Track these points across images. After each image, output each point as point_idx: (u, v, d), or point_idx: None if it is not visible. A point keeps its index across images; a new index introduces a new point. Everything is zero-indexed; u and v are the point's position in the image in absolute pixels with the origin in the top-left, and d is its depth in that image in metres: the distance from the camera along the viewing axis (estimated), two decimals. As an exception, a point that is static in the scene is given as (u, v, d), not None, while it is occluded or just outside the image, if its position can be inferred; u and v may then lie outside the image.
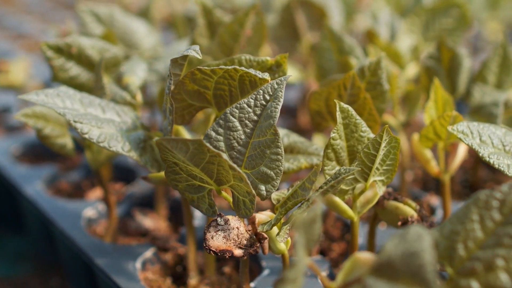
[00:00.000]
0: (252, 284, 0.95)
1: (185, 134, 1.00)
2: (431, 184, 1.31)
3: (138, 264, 1.00)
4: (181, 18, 1.48)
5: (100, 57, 1.05)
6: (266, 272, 0.98)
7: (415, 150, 1.06)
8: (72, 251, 1.13)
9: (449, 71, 1.14)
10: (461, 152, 1.05)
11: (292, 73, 1.37)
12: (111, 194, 1.11)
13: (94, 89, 1.01)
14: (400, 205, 0.94)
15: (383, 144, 0.85)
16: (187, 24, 1.47)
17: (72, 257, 1.15)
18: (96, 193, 1.26)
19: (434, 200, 1.20)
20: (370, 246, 0.99)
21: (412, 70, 1.26)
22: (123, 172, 1.35)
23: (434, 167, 1.05)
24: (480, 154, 0.87)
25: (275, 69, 0.92)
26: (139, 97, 1.02)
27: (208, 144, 0.85)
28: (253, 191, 0.80)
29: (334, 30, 1.12)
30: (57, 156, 1.43)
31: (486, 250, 0.69)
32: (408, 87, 1.18)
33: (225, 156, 0.82)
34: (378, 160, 0.86)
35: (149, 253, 1.04)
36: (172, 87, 0.88)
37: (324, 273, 1.00)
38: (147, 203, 1.23)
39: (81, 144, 1.05)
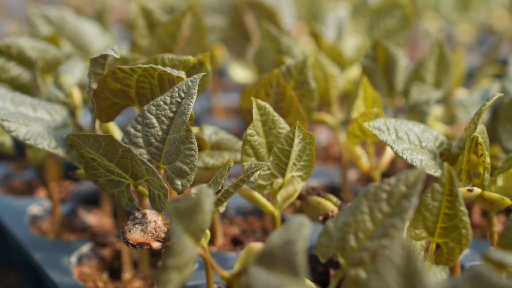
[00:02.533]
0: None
1: (116, 131, 1.03)
2: (377, 182, 1.32)
3: (73, 259, 1.03)
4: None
5: (40, 58, 1.08)
6: (196, 266, 1.00)
7: (346, 147, 1.08)
8: (17, 248, 1.15)
9: (386, 70, 1.16)
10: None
11: (243, 73, 1.39)
12: (54, 192, 1.14)
13: (31, 88, 1.04)
14: (322, 200, 0.96)
15: (296, 140, 0.87)
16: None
17: (20, 254, 1.18)
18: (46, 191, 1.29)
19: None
20: (298, 241, 1.01)
21: (355, 70, 1.28)
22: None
23: (364, 164, 1.07)
24: (394, 150, 0.89)
25: (198, 68, 0.95)
26: (76, 96, 1.05)
27: (126, 140, 0.88)
28: (165, 185, 0.83)
29: (272, 31, 1.15)
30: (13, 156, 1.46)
31: (373, 241, 0.71)
32: (349, 87, 1.21)
33: (135, 151, 0.85)
34: (293, 156, 0.88)
35: (85, 248, 1.06)
36: (96, 86, 0.91)
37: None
38: (93, 201, 1.25)
39: (22, 142, 1.07)
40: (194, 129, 1.02)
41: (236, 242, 1.11)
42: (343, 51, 1.26)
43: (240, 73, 1.37)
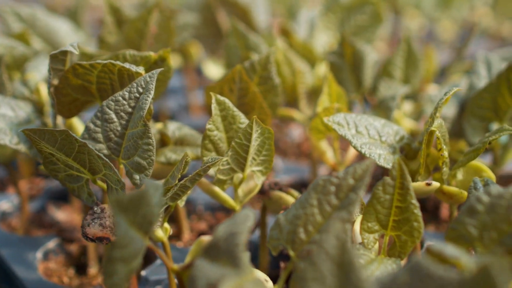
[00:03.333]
0: (143, 272, 0.98)
1: (80, 126, 1.03)
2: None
3: (39, 254, 1.04)
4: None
5: (8, 55, 1.09)
6: (159, 261, 1.01)
7: (312, 142, 1.08)
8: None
9: (353, 66, 1.16)
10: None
11: (216, 70, 1.40)
12: (23, 188, 1.15)
13: (-2, 85, 1.05)
14: (284, 194, 0.97)
15: (254, 135, 0.87)
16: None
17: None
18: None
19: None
20: (262, 235, 1.02)
21: (325, 66, 1.28)
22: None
23: (329, 159, 1.07)
24: (353, 144, 0.90)
25: (160, 64, 0.95)
26: (43, 93, 1.05)
27: (86, 135, 0.88)
28: (122, 180, 0.83)
29: (239, 28, 1.15)
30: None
31: (322, 234, 0.71)
32: (318, 83, 1.21)
33: (95, 146, 0.86)
34: (252, 150, 0.89)
35: (52, 244, 1.07)
36: (57, 82, 0.92)
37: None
38: (63, 197, 1.26)
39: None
40: (158, 125, 1.02)
41: (203, 238, 1.12)
42: (313, 48, 1.26)
43: (213, 70, 1.38)
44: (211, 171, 0.92)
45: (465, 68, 1.37)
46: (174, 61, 1.62)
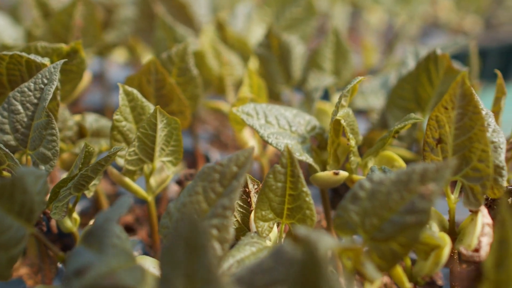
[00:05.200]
0: (59, 265, 0.98)
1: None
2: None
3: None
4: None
5: None
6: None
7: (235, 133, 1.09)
8: None
9: (281, 58, 1.17)
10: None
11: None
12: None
13: None
14: (198, 185, 0.97)
15: (160, 125, 0.88)
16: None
17: None
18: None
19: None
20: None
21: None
22: None
23: (251, 150, 1.07)
24: (260, 134, 0.90)
25: (73, 55, 0.95)
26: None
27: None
28: (25, 171, 0.83)
29: (166, 20, 1.16)
30: None
31: (206, 221, 0.71)
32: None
33: (3, 137, 0.86)
34: (160, 141, 0.89)
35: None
36: (-33, 74, 0.92)
37: (137, 253, 1.02)
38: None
39: None
40: (77, 117, 1.03)
41: (129, 230, 1.12)
42: (248, 41, 1.27)
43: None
44: (122, 162, 0.92)
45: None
46: (121, 55, 1.62)
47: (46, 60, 0.88)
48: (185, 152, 1.34)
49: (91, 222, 0.84)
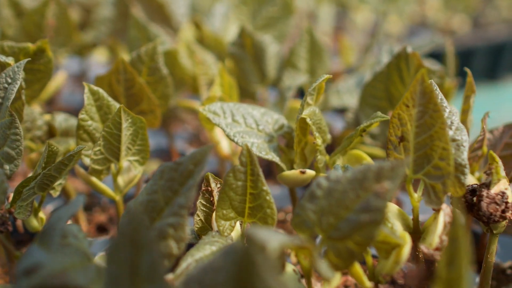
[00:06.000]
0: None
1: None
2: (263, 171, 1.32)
3: None
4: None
5: None
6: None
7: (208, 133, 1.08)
8: None
9: (255, 57, 1.16)
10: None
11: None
12: None
13: None
14: (166, 184, 0.97)
15: (125, 124, 0.87)
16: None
17: None
18: None
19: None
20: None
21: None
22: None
23: (223, 149, 1.07)
24: (226, 133, 0.90)
25: (40, 55, 0.95)
26: None
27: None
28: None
29: (139, 20, 1.15)
30: None
31: (163, 220, 0.71)
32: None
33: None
34: (125, 140, 0.89)
35: None
36: None
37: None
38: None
39: None
40: (46, 116, 1.02)
41: (102, 229, 1.12)
42: (224, 40, 1.26)
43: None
44: (88, 161, 0.92)
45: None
46: (102, 55, 1.62)
47: (10, 60, 0.88)
48: (161, 151, 1.33)
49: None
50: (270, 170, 1.27)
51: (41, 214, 0.89)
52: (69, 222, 1.06)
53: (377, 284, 0.76)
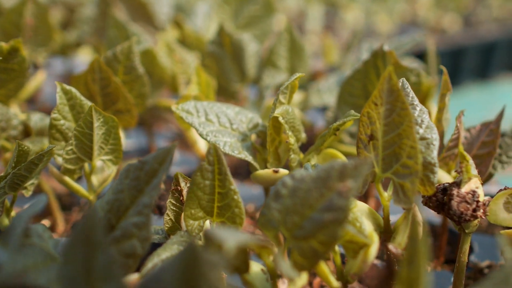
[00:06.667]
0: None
1: None
2: (242, 169, 1.32)
3: None
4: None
5: None
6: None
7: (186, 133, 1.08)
8: None
9: (234, 56, 1.16)
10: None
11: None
12: None
13: None
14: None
15: (96, 123, 0.87)
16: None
17: None
18: None
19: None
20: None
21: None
22: None
23: (200, 148, 1.07)
24: (199, 132, 0.90)
25: (14, 54, 0.95)
26: None
27: None
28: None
29: (118, 19, 1.15)
30: None
31: (128, 219, 0.71)
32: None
33: None
34: (97, 139, 0.88)
35: None
36: None
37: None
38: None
39: None
40: (22, 116, 1.02)
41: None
42: (205, 39, 1.26)
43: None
44: (61, 160, 0.92)
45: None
46: (86, 54, 1.62)
47: (-22, 59, 0.88)
48: (142, 150, 1.33)
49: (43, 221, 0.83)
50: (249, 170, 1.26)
51: (13, 214, 0.89)
52: (45, 222, 1.06)
53: (346, 284, 0.76)
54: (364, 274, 0.82)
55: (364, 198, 1.24)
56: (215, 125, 0.91)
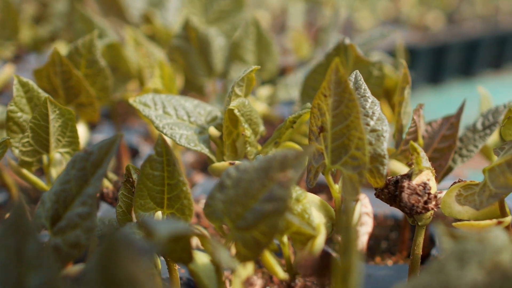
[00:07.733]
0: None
1: None
2: (212, 163, 1.32)
3: None
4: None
5: None
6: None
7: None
8: None
9: (201, 50, 1.16)
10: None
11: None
12: None
13: None
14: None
15: (52, 115, 0.87)
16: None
17: None
18: None
19: (198, 178, 1.22)
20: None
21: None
22: None
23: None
24: (155, 125, 0.90)
25: (-27, 47, 0.95)
26: None
27: None
28: None
29: (84, 13, 1.15)
30: None
31: (73, 210, 0.71)
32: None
33: None
34: (54, 131, 0.89)
35: None
36: None
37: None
38: None
39: None
40: (-16, 109, 1.02)
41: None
42: (174, 33, 1.26)
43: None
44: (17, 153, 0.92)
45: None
46: (61, 48, 1.62)
47: None
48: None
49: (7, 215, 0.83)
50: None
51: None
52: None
53: (294, 276, 0.76)
54: (301, 263, 0.82)
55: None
56: (173, 118, 0.91)
